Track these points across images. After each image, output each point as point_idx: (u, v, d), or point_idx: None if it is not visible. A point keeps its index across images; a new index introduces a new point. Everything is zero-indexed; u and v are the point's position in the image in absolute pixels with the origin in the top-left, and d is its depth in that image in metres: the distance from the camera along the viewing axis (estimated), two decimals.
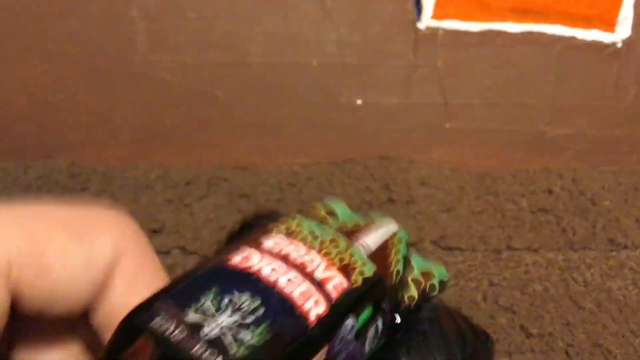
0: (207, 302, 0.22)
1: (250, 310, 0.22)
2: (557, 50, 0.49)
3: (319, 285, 0.24)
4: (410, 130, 0.51)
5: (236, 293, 0.23)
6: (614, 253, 0.44)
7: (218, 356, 0.21)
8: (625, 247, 0.44)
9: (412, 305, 0.28)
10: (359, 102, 0.50)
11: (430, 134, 0.52)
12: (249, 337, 0.22)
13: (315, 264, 0.25)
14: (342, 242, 0.26)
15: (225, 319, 0.22)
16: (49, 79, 0.49)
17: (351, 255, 0.26)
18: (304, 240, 0.25)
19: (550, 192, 0.48)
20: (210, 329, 0.22)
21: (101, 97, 0.50)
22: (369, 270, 0.25)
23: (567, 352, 0.37)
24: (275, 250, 0.25)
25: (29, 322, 0.28)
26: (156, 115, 0.51)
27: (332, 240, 0.26)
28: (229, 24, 0.48)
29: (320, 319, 0.23)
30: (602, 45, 0.49)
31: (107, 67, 0.49)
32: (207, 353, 0.21)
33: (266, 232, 0.25)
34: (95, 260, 0.27)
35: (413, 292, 0.29)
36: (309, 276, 0.24)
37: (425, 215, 0.46)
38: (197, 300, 0.22)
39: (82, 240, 0.26)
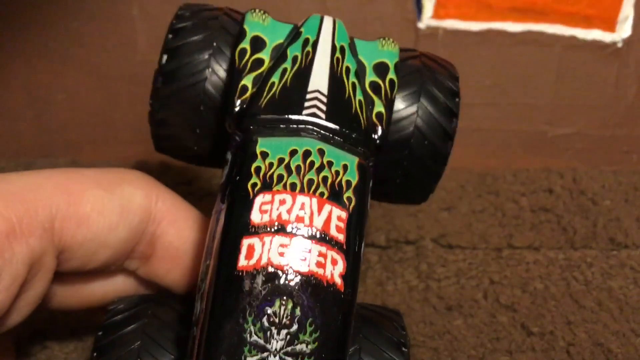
0: (253, 336, 0.22)
1: (289, 317, 0.23)
2: (557, 50, 0.49)
3: (324, 236, 0.24)
4: None
5: (268, 308, 0.23)
6: (614, 252, 0.44)
7: None
8: (626, 246, 0.44)
9: (383, 123, 0.27)
10: None
11: None
12: (305, 347, 0.23)
13: (308, 211, 0.24)
14: (314, 152, 0.25)
15: (278, 344, 0.22)
16: (49, 78, 0.49)
17: (330, 164, 0.25)
18: (284, 186, 0.24)
19: (550, 191, 0.48)
20: (273, 357, 0.22)
21: (101, 96, 0.50)
22: (353, 175, 0.25)
23: (567, 351, 0.37)
24: (267, 220, 0.24)
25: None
26: None
27: (305, 158, 0.25)
28: None
29: (344, 276, 0.23)
30: (602, 45, 0.49)
31: (107, 67, 0.49)
32: None
33: (246, 198, 0.24)
34: (129, 207, 0.28)
35: (378, 106, 0.28)
36: (312, 231, 0.24)
37: (426, 213, 0.46)
38: (243, 340, 0.22)
39: (114, 192, 0.28)
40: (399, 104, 0.29)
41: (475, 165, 0.50)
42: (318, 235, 0.24)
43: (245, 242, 0.24)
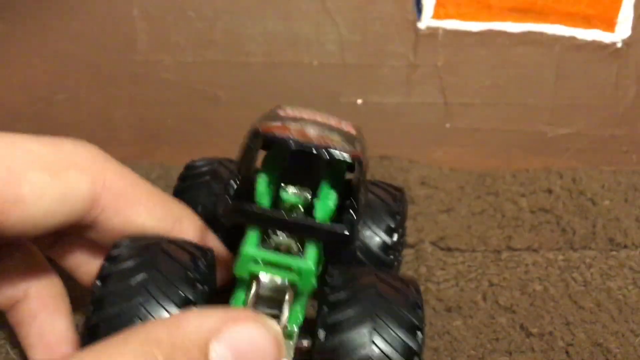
0: (292, 125, 0.29)
1: (320, 126, 0.30)
2: (557, 50, 0.49)
3: (336, 125, 0.32)
4: (410, 130, 0.51)
5: (302, 121, 0.30)
6: (613, 252, 0.44)
7: (329, 142, 0.28)
8: (625, 246, 0.44)
9: None
10: (359, 102, 0.50)
11: (430, 134, 0.52)
12: (335, 137, 0.30)
13: (322, 118, 0.32)
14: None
15: (313, 129, 0.30)
16: (50, 78, 0.49)
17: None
18: (302, 110, 0.33)
19: (550, 191, 0.48)
20: (311, 132, 0.29)
21: (102, 96, 0.50)
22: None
23: (567, 352, 0.37)
24: (290, 114, 0.32)
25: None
26: (157, 114, 0.51)
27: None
28: (229, 24, 0.48)
29: (355, 128, 0.33)
30: (602, 45, 0.49)
31: (107, 67, 0.49)
32: (323, 142, 0.28)
33: (271, 110, 0.32)
34: (71, 195, 0.28)
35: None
36: (326, 120, 0.32)
37: (425, 215, 0.46)
38: (285, 125, 0.29)
39: (58, 177, 0.27)
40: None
41: (475, 166, 0.51)
42: (334, 125, 0.32)
43: (271, 117, 0.31)
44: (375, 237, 0.36)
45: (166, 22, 0.48)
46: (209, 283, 0.29)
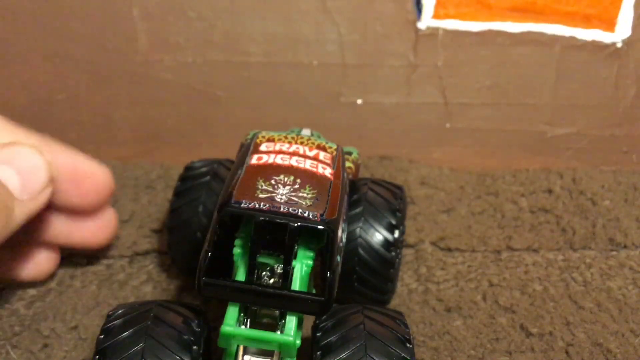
0: (263, 186, 0.31)
1: (291, 182, 0.31)
2: (557, 50, 0.49)
3: (314, 159, 0.34)
4: (410, 130, 0.51)
5: (274, 177, 0.31)
6: (613, 253, 0.44)
7: (298, 208, 0.29)
8: (625, 246, 0.44)
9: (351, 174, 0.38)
10: (359, 102, 0.51)
11: (430, 134, 0.52)
12: (305, 195, 0.30)
13: (301, 149, 0.34)
14: (305, 136, 0.36)
15: (283, 190, 0.30)
16: (50, 78, 0.49)
17: (316, 139, 0.35)
18: (282, 140, 0.35)
19: (550, 191, 0.48)
20: (280, 197, 0.30)
21: (102, 96, 0.50)
22: (332, 144, 0.36)
23: (567, 352, 0.37)
24: (271, 149, 0.34)
25: None
26: (157, 114, 0.51)
27: (298, 137, 0.35)
28: (229, 24, 0.48)
29: (333, 174, 0.33)
30: (602, 45, 0.49)
31: (107, 67, 0.49)
32: (290, 208, 0.29)
33: (257, 144, 0.34)
34: None
35: (349, 163, 0.39)
36: (305, 156, 0.33)
37: (425, 216, 0.46)
38: (256, 187, 0.30)
39: None
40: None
41: (475, 166, 0.51)
42: (311, 157, 0.33)
43: (254, 154, 0.33)
44: (377, 234, 0.36)
45: (166, 22, 0.48)
46: (204, 341, 0.30)
